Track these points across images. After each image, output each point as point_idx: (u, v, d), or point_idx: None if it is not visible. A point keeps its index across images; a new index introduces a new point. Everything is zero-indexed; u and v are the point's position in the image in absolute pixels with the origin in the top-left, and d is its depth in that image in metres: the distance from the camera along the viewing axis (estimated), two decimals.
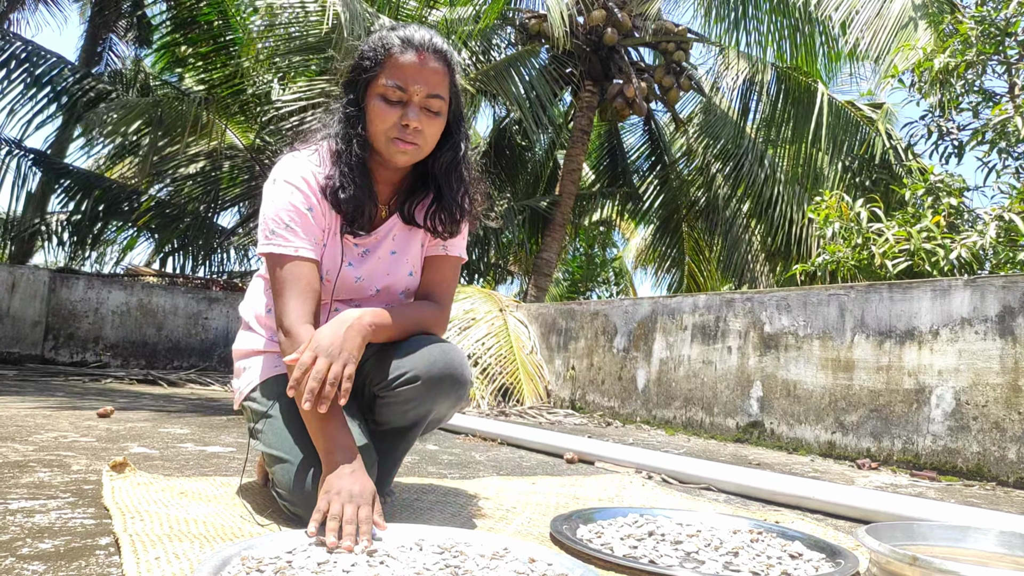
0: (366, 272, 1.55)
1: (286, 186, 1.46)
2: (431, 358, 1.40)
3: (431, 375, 1.39)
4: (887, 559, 1.12)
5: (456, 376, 1.42)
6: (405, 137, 1.42)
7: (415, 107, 1.42)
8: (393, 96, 1.42)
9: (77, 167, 8.02)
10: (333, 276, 1.51)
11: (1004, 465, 2.70)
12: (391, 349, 1.44)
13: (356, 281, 1.54)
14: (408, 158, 1.46)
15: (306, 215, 1.45)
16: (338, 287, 1.53)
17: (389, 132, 1.43)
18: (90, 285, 6.21)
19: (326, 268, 1.50)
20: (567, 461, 2.65)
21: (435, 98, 1.43)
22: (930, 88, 4.91)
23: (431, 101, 1.43)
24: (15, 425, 2.57)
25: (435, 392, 1.41)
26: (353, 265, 1.53)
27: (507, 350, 5.12)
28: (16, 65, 6.82)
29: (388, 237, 1.57)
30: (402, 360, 1.41)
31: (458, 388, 1.43)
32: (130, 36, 10.47)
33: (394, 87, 1.41)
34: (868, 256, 4.38)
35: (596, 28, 8.29)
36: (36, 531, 1.27)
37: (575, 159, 8.44)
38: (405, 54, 1.42)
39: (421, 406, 1.43)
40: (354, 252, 1.54)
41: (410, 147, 1.43)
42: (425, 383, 1.39)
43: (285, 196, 1.45)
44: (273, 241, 1.43)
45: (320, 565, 1.06)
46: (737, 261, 8.68)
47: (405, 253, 1.58)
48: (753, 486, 2.12)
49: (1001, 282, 2.81)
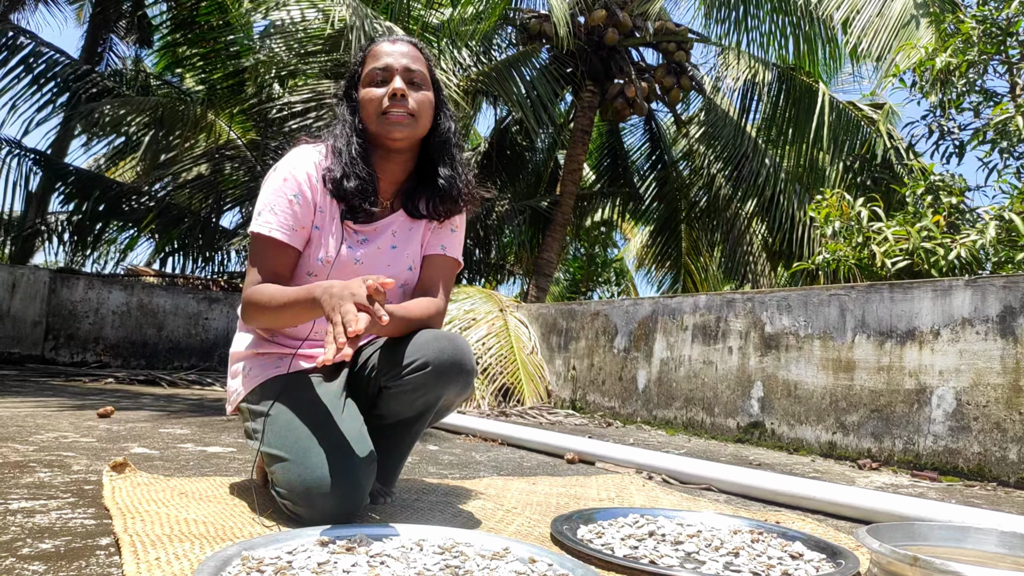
0: (366, 257, 1.58)
1: (280, 174, 1.55)
2: (440, 346, 1.43)
3: (441, 361, 1.42)
4: (888, 559, 1.11)
5: (465, 364, 1.45)
6: (395, 107, 1.51)
7: (398, 78, 1.53)
8: (378, 78, 1.55)
9: (77, 167, 8.03)
10: (332, 255, 1.55)
11: (1005, 465, 2.70)
12: (398, 342, 1.48)
13: (356, 264, 1.57)
14: (405, 131, 1.53)
15: (291, 201, 1.52)
16: (338, 269, 1.55)
17: (379, 107, 1.52)
18: (90, 285, 6.21)
19: (325, 249, 1.55)
20: (568, 461, 2.65)
21: (416, 71, 1.56)
22: (931, 88, 4.90)
23: (412, 74, 1.55)
24: (15, 425, 2.57)
25: (445, 379, 1.43)
26: (353, 248, 1.57)
27: (507, 350, 5.12)
28: (19, 61, 6.82)
29: (388, 231, 1.61)
30: (411, 348, 1.44)
31: (466, 375, 1.46)
32: (131, 36, 10.47)
33: (376, 70, 1.55)
34: (868, 255, 4.37)
35: (597, 28, 8.29)
36: (36, 531, 1.26)
37: (576, 159, 8.44)
38: (381, 43, 1.59)
39: (430, 393, 1.45)
40: (354, 238, 1.59)
41: (403, 118, 1.52)
42: (435, 369, 1.42)
43: (277, 182, 1.54)
44: (257, 221, 1.52)
45: (320, 565, 1.06)
46: (739, 261, 8.68)
47: (405, 248, 1.63)
48: (754, 486, 2.12)
49: (1002, 282, 2.81)
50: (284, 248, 1.52)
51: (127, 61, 11.05)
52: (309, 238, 1.56)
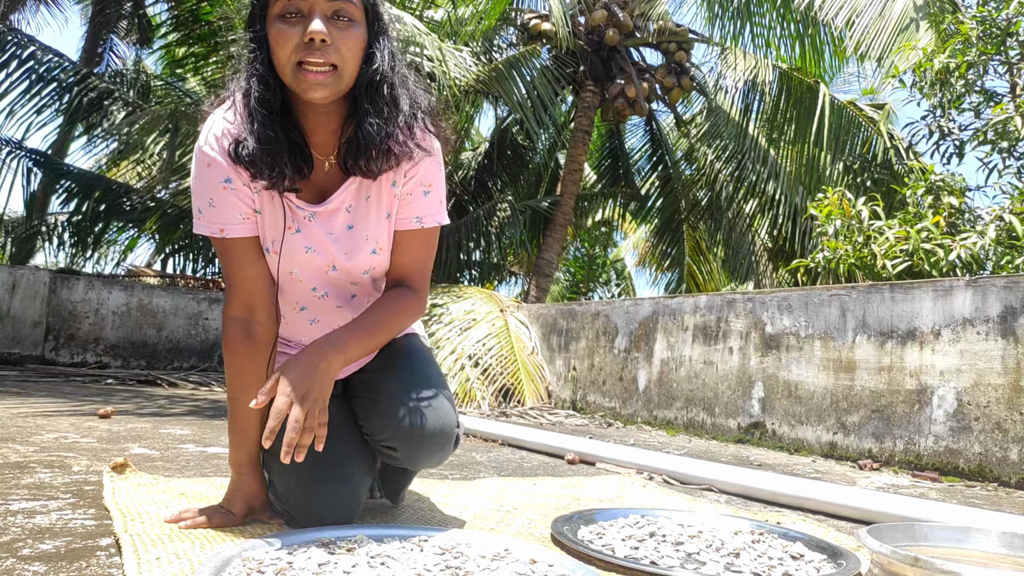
0: (317, 244, 1.33)
1: (202, 157, 1.28)
2: (411, 422, 1.32)
3: (411, 442, 1.33)
4: (889, 560, 1.11)
5: (437, 436, 1.34)
6: (312, 57, 1.16)
7: (318, 17, 1.17)
8: (291, 10, 1.18)
9: (78, 167, 8.02)
10: (278, 245, 1.32)
11: (1006, 466, 2.70)
12: (376, 392, 1.39)
13: (307, 252, 1.33)
14: (324, 90, 1.19)
15: (225, 187, 1.28)
16: (287, 259, 1.33)
17: (292, 56, 1.17)
18: (90, 286, 6.21)
19: (270, 238, 1.32)
20: (568, 462, 2.65)
21: (341, 6, 1.19)
22: (930, 88, 4.90)
23: (339, 5, 1.18)
24: (16, 426, 2.57)
25: (416, 454, 1.36)
26: (301, 232, 1.32)
27: (508, 351, 5.12)
28: (18, 64, 6.82)
29: (342, 206, 1.33)
30: (383, 422, 1.35)
31: (441, 446, 1.36)
32: (131, 37, 10.46)
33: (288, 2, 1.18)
34: (869, 254, 4.37)
35: (597, 28, 8.29)
36: (37, 532, 1.26)
37: (576, 159, 8.44)
38: None
39: (405, 462, 1.40)
40: (298, 215, 1.32)
41: (323, 71, 1.17)
42: (403, 451, 1.35)
43: (202, 169, 1.29)
44: (201, 221, 1.31)
45: (321, 566, 1.06)
46: (742, 261, 8.68)
47: (365, 226, 1.35)
48: (754, 487, 2.12)
49: (1003, 282, 2.81)
50: (243, 244, 1.31)
51: (127, 61, 11.04)
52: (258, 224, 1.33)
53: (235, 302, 1.33)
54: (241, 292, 1.33)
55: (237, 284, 1.32)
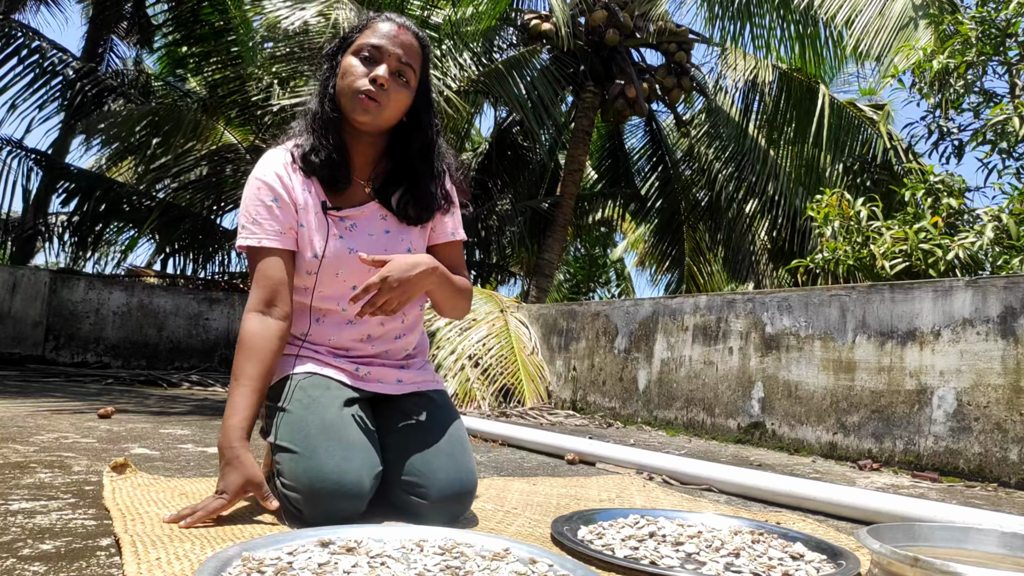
0: (360, 246, 1.54)
1: (254, 182, 1.54)
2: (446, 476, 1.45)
3: (443, 496, 1.44)
4: (888, 560, 1.11)
5: (463, 495, 1.47)
6: (371, 93, 1.46)
7: (385, 66, 1.48)
8: (367, 53, 1.49)
9: (78, 167, 8.02)
10: (321, 248, 1.52)
11: (1006, 466, 2.70)
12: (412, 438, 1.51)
13: (351, 253, 1.54)
14: (369, 117, 1.49)
15: (271, 207, 1.51)
16: (333, 262, 1.53)
17: (357, 86, 1.47)
18: (91, 286, 6.21)
19: (315, 244, 1.53)
20: (568, 462, 2.65)
21: (407, 67, 1.51)
22: (930, 88, 4.90)
23: (404, 68, 1.50)
24: (16, 426, 2.57)
25: (441, 508, 1.45)
26: (344, 238, 1.55)
27: (508, 351, 5.12)
28: (19, 60, 6.82)
29: (376, 216, 1.58)
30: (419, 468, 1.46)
31: (463, 504, 1.49)
32: (131, 37, 10.47)
33: (370, 46, 1.49)
34: (868, 255, 4.37)
35: (598, 29, 8.30)
36: (37, 532, 1.27)
37: (577, 160, 8.44)
38: (385, 23, 1.53)
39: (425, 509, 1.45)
40: (341, 226, 1.55)
41: (372, 104, 1.47)
42: (433, 503, 1.44)
43: (252, 191, 1.53)
44: (243, 234, 1.52)
45: (321, 566, 1.06)
46: (742, 262, 8.68)
47: (399, 232, 1.60)
48: (754, 487, 2.12)
49: (1003, 283, 2.81)
50: (276, 254, 1.50)
51: (128, 62, 11.05)
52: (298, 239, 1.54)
53: (257, 298, 1.49)
54: (265, 291, 1.49)
55: (263, 286, 1.49)
